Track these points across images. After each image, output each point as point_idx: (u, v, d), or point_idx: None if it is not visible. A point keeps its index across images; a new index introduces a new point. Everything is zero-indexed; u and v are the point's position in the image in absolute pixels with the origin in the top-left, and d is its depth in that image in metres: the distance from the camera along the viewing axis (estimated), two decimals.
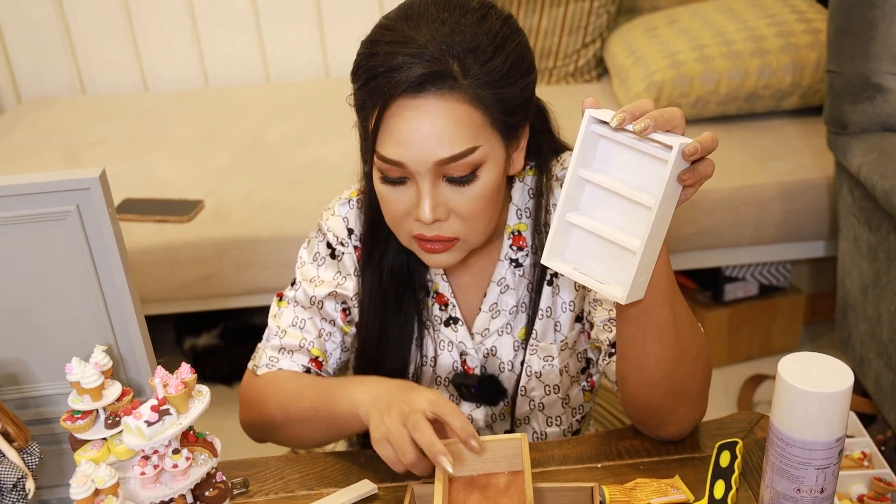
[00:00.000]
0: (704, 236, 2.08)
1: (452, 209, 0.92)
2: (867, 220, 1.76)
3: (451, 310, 1.07)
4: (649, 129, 0.73)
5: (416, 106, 0.87)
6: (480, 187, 0.92)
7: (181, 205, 2.06)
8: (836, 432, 0.76)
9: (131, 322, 0.82)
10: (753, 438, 0.98)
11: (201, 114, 2.63)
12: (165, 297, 2.01)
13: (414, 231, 0.94)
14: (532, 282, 1.06)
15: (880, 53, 1.67)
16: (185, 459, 0.75)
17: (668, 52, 2.27)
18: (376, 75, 0.88)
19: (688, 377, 0.90)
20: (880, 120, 1.72)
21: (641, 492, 0.90)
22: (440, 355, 1.09)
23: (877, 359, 1.76)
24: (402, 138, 0.88)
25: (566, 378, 1.10)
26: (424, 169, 0.89)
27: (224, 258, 1.97)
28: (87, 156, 2.38)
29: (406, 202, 0.93)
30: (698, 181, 0.77)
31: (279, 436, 1.04)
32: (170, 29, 2.83)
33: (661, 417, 0.94)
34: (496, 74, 0.88)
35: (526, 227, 1.06)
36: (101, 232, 0.79)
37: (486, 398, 1.09)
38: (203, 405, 0.77)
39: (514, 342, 1.08)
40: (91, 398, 0.78)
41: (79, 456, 0.79)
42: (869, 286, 1.77)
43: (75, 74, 2.88)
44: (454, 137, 0.88)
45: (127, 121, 2.60)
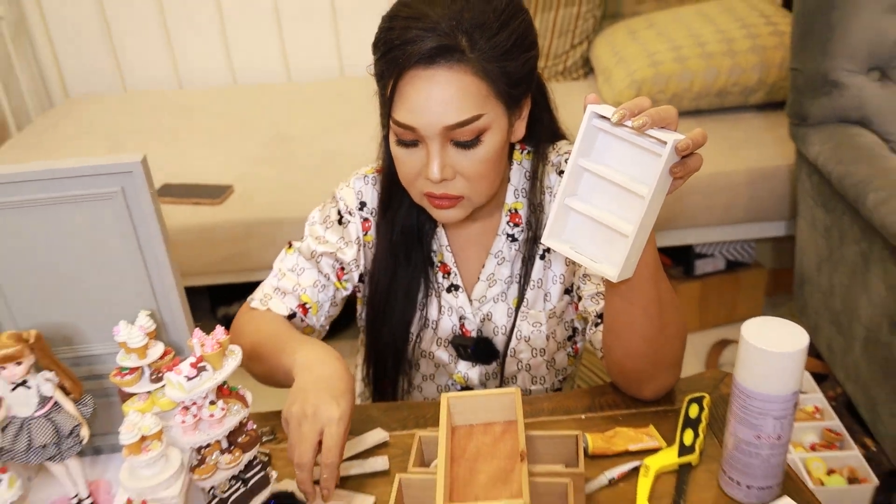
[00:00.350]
0: (678, 217, 2.09)
1: (458, 170, 0.93)
2: (823, 203, 1.76)
3: (454, 278, 1.08)
4: (647, 126, 0.73)
5: (427, 76, 0.87)
6: (484, 151, 0.92)
7: (213, 189, 2.07)
8: (792, 387, 0.76)
9: (171, 290, 0.83)
10: (719, 394, 0.99)
11: (230, 108, 2.62)
12: (200, 271, 2.02)
13: (424, 189, 0.95)
14: (525, 255, 1.06)
15: (838, 53, 1.67)
16: (220, 410, 0.76)
17: (648, 53, 2.26)
18: (393, 47, 0.88)
19: (667, 349, 0.91)
20: (836, 113, 1.72)
21: (620, 439, 0.91)
22: (441, 319, 1.09)
23: (829, 325, 1.76)
24: (414, 105, 0.89)
25: (552, 343, 1.10)
26: (434, 133, 0.90)
27: (252, 237, 1.98)
28: (129, 146, 2.37)
29: (418, 163, 0.94)
30: (687, 174, 0.77)
31: (245, 365, 1.00)
32: (202, 32, 2.82)
33: (640, 382, 0.95)
34: (501, 49, 0.89)
35: (522, 205, 1.06)
36: (144, 210, 0.79)
37: (480, 358, 1.10)
38: (236, 362, 0.78)
39: (508, 309, 1.08)
40: (137, 356, 0.79)
41: (127, 407, 0.80)
42: (823, 261, 1.78)
43: (117, 73, 2.88)
44: (461, 105, 0.88)
45: (164, 115, 2.60)
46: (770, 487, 0.81)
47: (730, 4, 2.38)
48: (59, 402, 0.78)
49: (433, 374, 1.13)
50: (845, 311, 1.68)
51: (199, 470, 0.77)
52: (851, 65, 1.67)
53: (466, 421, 0.84)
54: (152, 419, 0.74)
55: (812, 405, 1.68)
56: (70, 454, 0.80)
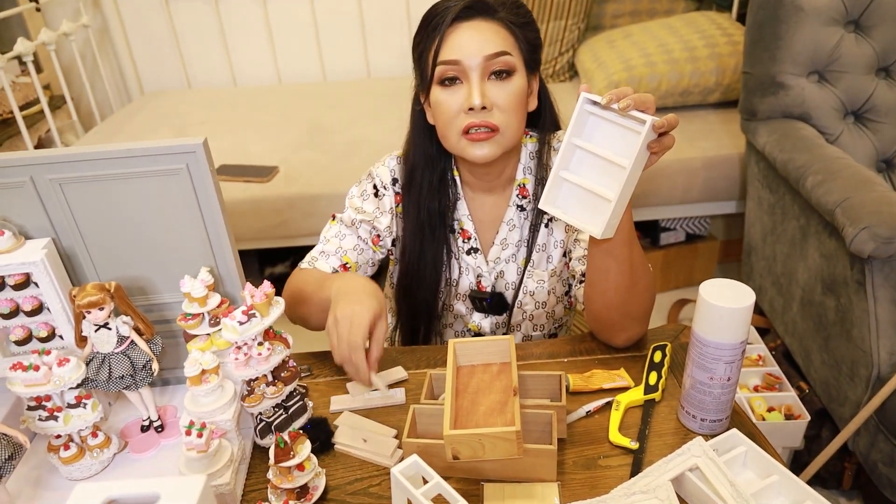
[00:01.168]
0: (646, 196, 2.06)
1: (494, 101, 0.93)
2: (769, 185, 1.73)
3: (473, 242, 1.07)
4: (630, 108, 0.74)
5: (468, 25, 0.92)
6: (515, 86, 0.93)
7: (262, 169, 2.05)
8: (740, 337, 0.76)
9: (227, 251, 0.82)
10: (678, 343, 0.98)
11: (275, 103, 2.59)
12: (251, 237, 2.01)
13: (464, 123, 0.93)
14: (532, 223, 1.06)
15: (784, 58, 1.63)
16: (266, 349, 0.76)
17: (623, 59, 2.22)
18: (435, 16, 0.93)
19: (637, 302, 0.91)
20: (781, 109, 1.69)
21: (596, 379, 0.90)
22: (461, 277, 1.08)
23: (771, 287, 1.75)
24: (458, 43, 0.91)
25: (552, 297, 1.10)
26: (475, 63, 0.91)
27: (294, 209, 1.97)
28: (193, 133, 2.35)
29: (459, 100, 0.93)
30: (662, 150, 0.77)
31: (295, 313, 1.00)
32: (252, 39, 2.79)
33: (614, 331, 0.95)
34: (522, 17, 0.94)
35: (529, 180, 1.05)
36: (205, 184, 0.79)
37: (494, 310, 1.09)
38: (279, 311, 0.78)
39: (517, 268, 1.08)
40: (198, 305, 0.79)
41: (190, 346, 0.80)
42: (768, 234, 1.76)
43: (183, 72, 2.85)
44: (497, 41, 0.91)
45: (221, 108, 2.57)
46: (720, 420, 0.81)
47: (692, 19, 2.33)
48: (134, 340, 0.78)
49: (451, 323, 1.13)
50: (785, 275, 1.66)
51: (248, 399, 0.77)
52: (795, 69, 1.64)
53: (469, 362, 0.84)
54: (211, 356, 0.75)
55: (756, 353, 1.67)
56: (143, 384, 0.80)
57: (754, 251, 1.85)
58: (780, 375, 1.60)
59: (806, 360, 1.58)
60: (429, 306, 1.08)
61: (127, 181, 0.77)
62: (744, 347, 0.77)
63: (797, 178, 1.52)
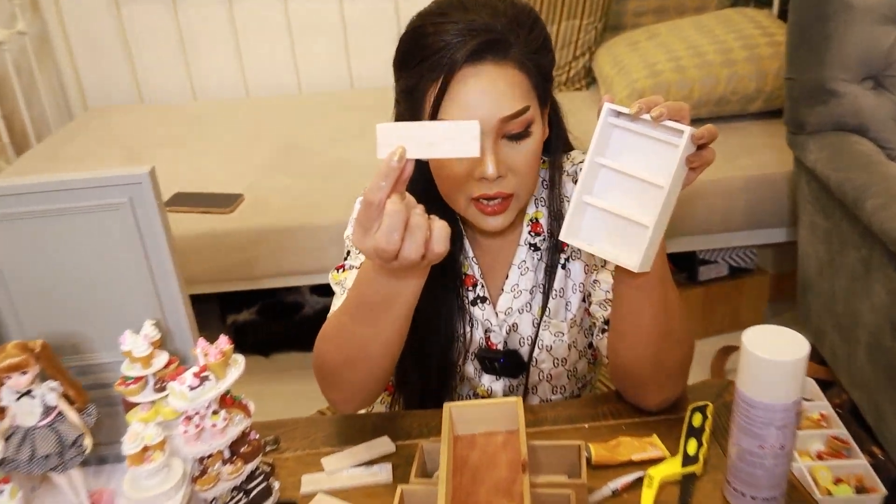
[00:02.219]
0: (681, 224, 2.06)
1: (510, 166, 0.91)
2: (822, 209, 1.73)
3: (480, 290, 1.05)
4: (664, 116, 0.74)
5: (476, 73, 0.87)
6: (533, 143, 0.92)
7: (224, 198, 2.06)
8: (794, 395, 0.74)
9: (177, 299, 0.82)
10: (722, 402, 0.97)
11: (242, 119, 2.61)
12: (210, 278, 2.01)
13: (475, 193, 0.91)
14: (548, 264, 1.04)
15: (833, 62, 1.65)
16: (222, 420, 0.75)
17: (648, 63, 2.24)
18: (435, 52, 0.87)
19: (672, 354, 0.89)
20: (833, 120, 1.70)
21: (623, 449, 0.88)
22: (467, 332, 1.05)
23: (832, 331, 1.74)
24: (467, 101, 0.87)
25: (574, 352, 1.08)
26: (489, 127, 0.88)
27: (261, 244, 1.96)
28: (144, 155, 2.37)
29: (467, 164, 0.90)
30: (702, 165, 0.77)
31: (344, 370, 0.89)
32: (216, 45, 2.82)
33: (646, 390, 0.93)
34: (536, 44, 0.90)
35: (542, 214, 1.04)
36: (151, 221, 0.78)
37: (509, 371, 1.06)
38: (238, 372, 0.76)
39: (534, 319, 1.05)
40: (141, 366, 0.77)
41: (130, 416, 0.79)
42: (824, 267, 1.75)
43: (134, 85, 2.88)
44: (513, 97, 0.88)
45: (178, 126, 2.59)
46: (775, 498, 0.79)
47: (727, 16, 2.36)
48: (63, 411, 0.77)
49: (456, 386, 1.10)
50: (848, 316, 1.65)
51: (200, 480, 0.75)
52: (846, 74, 1.65)
53: (469, 430, 0.83)
54: (155, 429, 0.73)
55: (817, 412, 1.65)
56: (73, 464, 0.78)
57: (810, 288, 1.84)
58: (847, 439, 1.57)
59: (877, 418, 1.56)
60: (442, 368, 1.05)
61: (58, 218, 0.77)
62: (799, 408, 0.76)
63: (855, 200, 1.51)
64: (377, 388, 0.92)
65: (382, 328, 0.82)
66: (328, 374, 0.91)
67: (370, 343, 0.84)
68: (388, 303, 0.79)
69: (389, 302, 0.79)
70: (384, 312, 0.80)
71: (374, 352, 0.85)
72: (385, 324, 0.82)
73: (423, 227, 0.69)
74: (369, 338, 0.84)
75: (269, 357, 2.26)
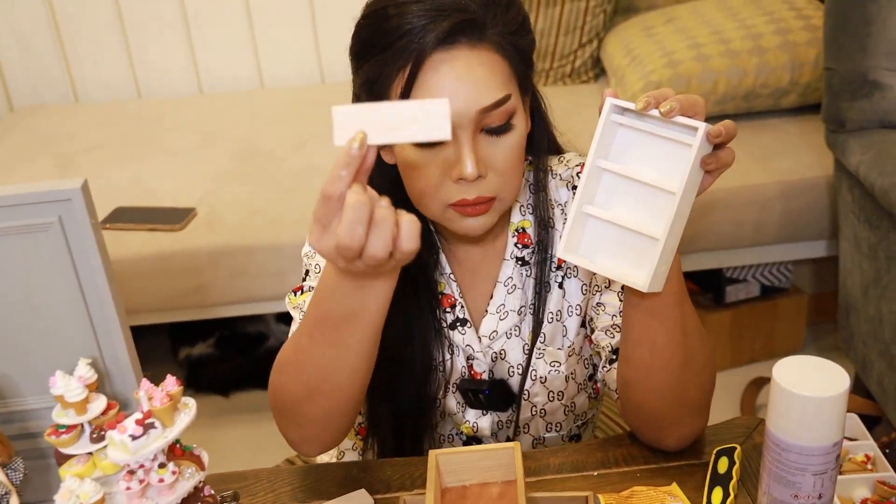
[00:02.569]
0: (704, 237, 2.08)
1: (490, 165, 0.91)
2: (867, 219, 1.75)
3: (459, 311, 1.05)
4: (675, 112, 0.75)
5: (449, 58, 0.87)
6: (515, 138, 0.92)
7: (173, 213, 2.06)
8: (833, 437, 0.75)
9: (116, 334, 0.82)
10: (752, 443, 0.97)
11: (195, 120, 2.62)
12: (158, 306, 2.00)
13: (452, 198, 0.91)
14: (537, 280, 1.05)
15: (877, 50, 1.67)
16: (171, 473, 0.74)
17: (665, 52, 2.27)
18: (400, 36, 0.87)
19: (693, 385, 0.90)
20: (878, 117, 1.72)
21: (638, 500, 0.89)
22: (447, 360, 1.06)
23: (879, 359, 1.75)
24: (440, 91, 0.87)
25: (572, 385, 1.08)
26: (467, 120, 0.88)
27: (218, 267, 1.97)
28: (80, 163, 2.37)
29: (442, 165, 0.90)
30: (720, 168, 0.78)
31: (304, 403, 0.89)
32: (163, 35, 2.83)
33: (663, 428, 0.94)
34: (514, 24, 0.91)
35: (529, 223, 1.05)
36: (84, 243, 0.79)
37: (496, 404, 1.06)
38: (189, 418, 0.76)
39: (524, 345, 1.06)
40: (75, 412, 0.77)
41: (64, 471, 0.78)
42: (870, 286, 1.76)
43: (68, 82, 2.88)
44: (492, 85, 0.88)
45: (120, 128, 2.60)
46: None
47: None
48: None
49: (437, 424, 1.10)
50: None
51: None
52: (892, 63, 1.67)
53: (459, 481, 0.83)
54: (92, 485, 0.72)
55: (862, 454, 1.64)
56: None
57: (853, 309, 1.86)
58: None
59: None
60: (418, 403, 1.05)
61: None
62: (839, 450, 0.77)
63: None
64: (343, 423, 0.92)
65: (347, 349, 0.82)
66: (286, 409, 0.91)
67: (334, 367, 0.84)
68: (352, 317, 0.80)
69: (355, 316, 0.80)
70: (349, 329, 0.81)
71: (338, 379, 0.85)
72: (350, 343, 0.82)
73: (389, 220, 0.70)
74: (332, 361, 0.84)
75: (228, 396, 2.26)
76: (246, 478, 0.98)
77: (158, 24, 2.82)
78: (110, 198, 2.13)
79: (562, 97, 2.50)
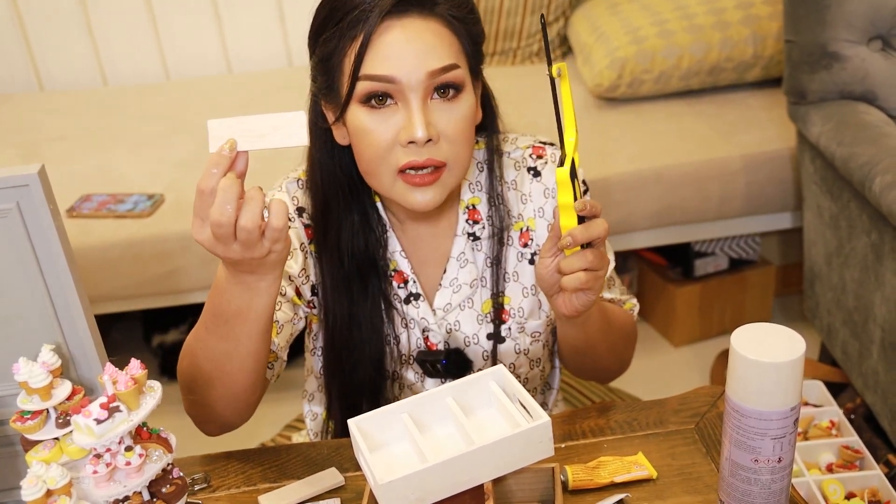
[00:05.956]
0: (671, 212, 2.09)
1: (441, 131, 0.94)
2: (829, 189, 1.77)
3: (412, 286, 1.08)
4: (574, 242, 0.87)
5: (401, 25, 0.92)
6: (466, 106, 0.95)
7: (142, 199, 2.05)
8: (791, 401, 0.76)
9: (79, 319, 0.81)
10: (717, 412, 0.99)
11: (162, 107, 2.59)
12: (129, 294, 1.99)
13: (401, 161, 0.94)
14: (490, 256, 1.08)
15: (836, 21, 1.68)
16: (138, 456, 0.74)
17: (630, 28, 2.27)
18: (353, 8, 0.92)
19: (616, 355, 1.10)
20: (838, 88, 1.73)
21: (604, 470, 0.90)
22: (402, 334, 1.09)
23: (843, 327, 1.78)
24: (392, 52, 0.91)
25: (546, 353, 1.14)
26: (416, 82, 0.92)
27: (188, 252, 1.95)
28: (46, 152, 2.34)
29: (392, 129, 0.93)
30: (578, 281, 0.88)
31: (201, 397, 0.96)
32: (128, 21, 2.79)
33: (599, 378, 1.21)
34: (464, 9, 0.96)
35: (479, 200, 1.08)
36: (44, 229, 0.78)
37: (452, 372, 1.09)
38: (154, 401, 0.76)
39: (478, 316, 1.09)
40: (40, 398, 0.77)
41: (30, 457, 0.78)
42: (833, 254, 1.79)
43: (31, 69, 2.84)
44: (441, 51, 0.93)
45: (86, 116, 2.56)
46: None
47: None
48: None
49: (399, 398, 1.12)
50: (860, 310, 1.69)
51: None
52: (851, 34, 1.69)
53: None
54: (59, 470, 0.72)
55: (827, 419, 1.69)
56: None
57: (818, 279, 1.88)
58: (860, 448, 1.61)
59: (894, 424, 1.60)
60: (373, 383, 1.08)
61: None
62: (797, 414, 0.78)
63: (862, 178, 1.55)
64: (239, 407, 0.97)
65: (238, 343, 0.89)
66: (188, 390, 0.97)
67: (226, 359, 0.91)
68: (241, 315, 0.87)
69: (243, 315, 0.87)
70: (238, 326, 0.88)
71: (229, 369, 0.92)
72: (240, 338, 0.89)
73: (258, 199, 0.78)
74: (224, 353, 0.90)
75: None
76: (217, 460, 0.98)
77: (123, 10, 2.77)
78: (77, 185, 2.10)
79: (529, 76, 2.50)
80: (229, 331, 0.89)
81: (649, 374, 2.15)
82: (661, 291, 2.38)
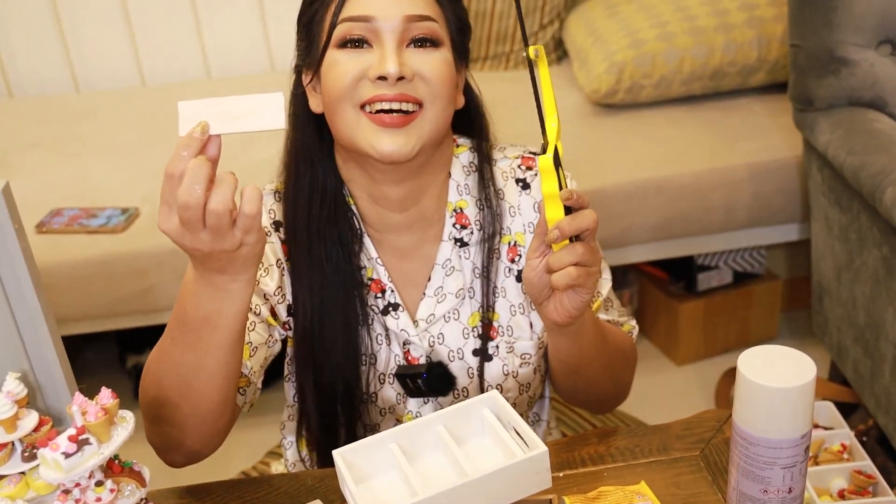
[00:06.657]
0: (672, 224, 2.09)
1: (417, 70, 0.94)
2: (837, 200, 1.77)
3: (390, 296, 1.06)
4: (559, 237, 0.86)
5: None
6: (443, 61, 0.96)
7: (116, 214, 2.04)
8: (802, 428, 0.76)
9: (47, 345, 0.81)
10: (723, 437, 0.98)
11: (138, 114, 2.58)
12: (102, 313, 1.98)
13: (365, 96, 0.93)
14: (479, 265, 1.06)
15: (843, 24, 1.69)
16: (109, 492, 0.74)
17: (629, 31, 2.27)
18: None
19: (613, 377, 1.08)
20: (846, 94, 1.74)
21: (605, 501, 0.89)
22: (380, 349, 1.07)
23: (854, 344, 1.77)
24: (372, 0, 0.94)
25: (537, 377, 1.12)
26: (394, 23, 0.93)
27: (164, 269, 1.94)
28: (16, 162, 2.32)
29: (362, 63, 0.94)
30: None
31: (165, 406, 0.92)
32: (102, 25, 2.78)
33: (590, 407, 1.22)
34: None
35: (467, 203, 1.07)
36: (8, 248, 0.77)
37: (434, 388, 1.07)
38: (127, 432, 0.75)
39: (464, 329, 1.07)
40: (5, 430, 0.76)
41: None
42: (843, 269, 1.79)
43: (0, 76, 2.83)
44: (422, 4, 0.95)
45: (58, 124, 2.55)
46: None
47: None
48: None
49: (378, 424, 1.11)
50: (871, 327, 1.69)
51: None
52: (859, 38, 1.69)
53: None
54: None
55: (838, 443, 1.67)
56: None
57: (827, 294, 1.88)
58: (873, 473, 1.59)
59: None
60: (349, 398, 1.05)
61: None
62: (808, 441, 0.78)
63: (873, 189, 1.55)
64: (205, 431, 0.93)
65: (206, 353, 0.86)
66: (150, 411, 0.94)
67: (193, 372, 0.88)
68: (210, 321, 0.84)
69: (212, 321, 0.84)
70: (207, 333, 0.85)
71: (197, 383, 0.89)
72: (209, 348, 0.86)
73: (229, 182, 0.76)
74: (191, 365, 0.87)
75: None
76: (194, 493, 0.97)
77: (96, 14, 2.77)
78: (47, 199, 2.09)
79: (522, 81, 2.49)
80: (197, 339, 0.86)
81: (651, 394, 2.14)
82: (662, 307, 2.37)
